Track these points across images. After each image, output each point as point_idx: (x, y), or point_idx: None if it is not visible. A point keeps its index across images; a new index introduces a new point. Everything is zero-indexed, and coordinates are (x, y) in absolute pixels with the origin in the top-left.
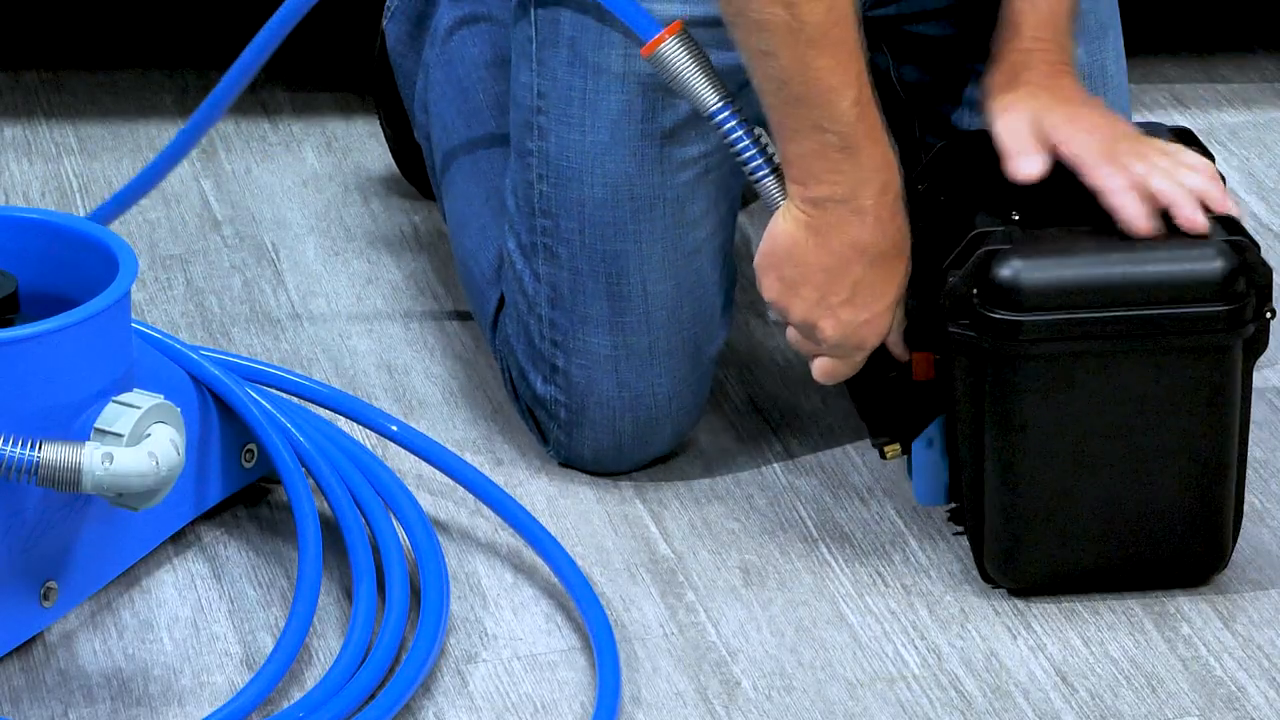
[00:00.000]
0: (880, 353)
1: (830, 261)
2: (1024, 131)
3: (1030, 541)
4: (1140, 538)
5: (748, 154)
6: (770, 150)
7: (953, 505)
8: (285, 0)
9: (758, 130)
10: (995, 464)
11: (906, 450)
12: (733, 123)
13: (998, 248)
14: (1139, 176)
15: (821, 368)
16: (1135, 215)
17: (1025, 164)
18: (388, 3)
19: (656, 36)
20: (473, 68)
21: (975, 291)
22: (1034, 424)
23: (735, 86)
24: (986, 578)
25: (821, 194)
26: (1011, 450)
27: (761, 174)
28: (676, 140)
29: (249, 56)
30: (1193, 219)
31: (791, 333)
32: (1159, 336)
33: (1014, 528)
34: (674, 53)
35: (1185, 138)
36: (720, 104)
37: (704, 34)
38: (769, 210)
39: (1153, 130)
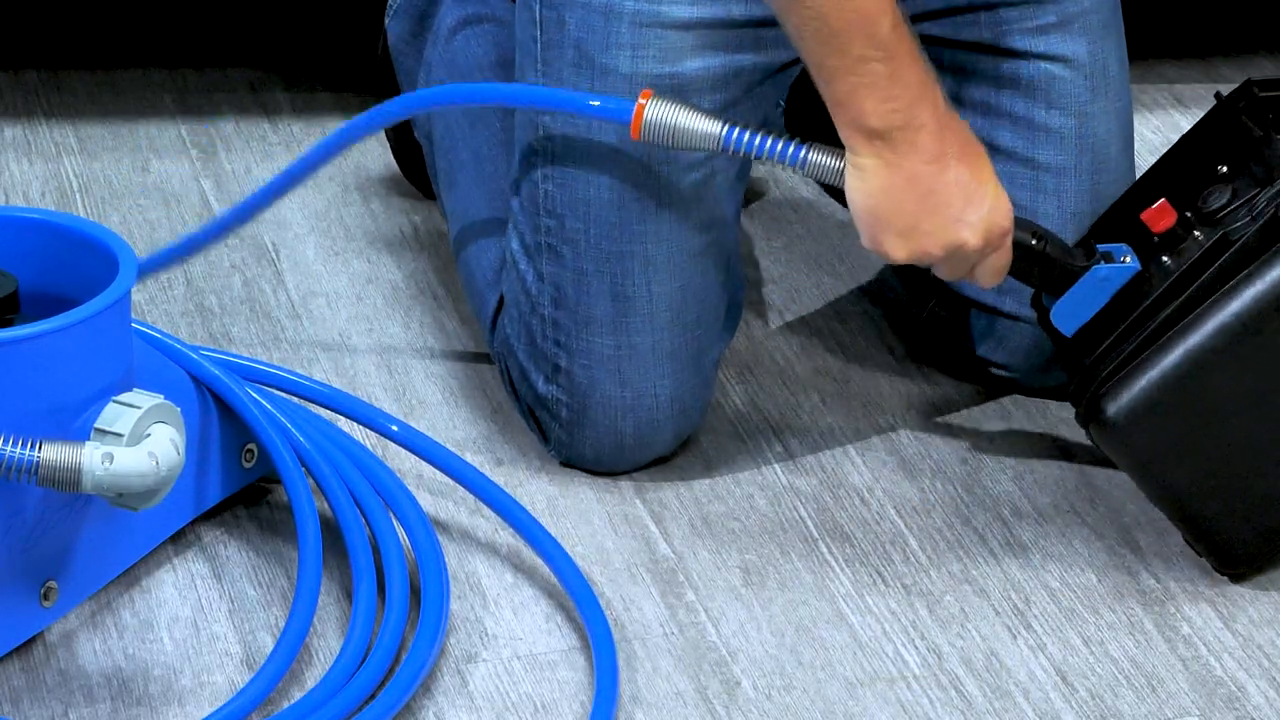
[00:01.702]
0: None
1: (925, 186)
2: None
3: (1161, 412)
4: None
5: (777, 151)
6: (789, 137)
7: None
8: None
9: (767, 128)
10: (1207, 345)
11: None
12: (746, 136)
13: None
14: None
15: (987, 271)
16: None
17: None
18: (390, 1)
19: (635, 112)
20: (475, 68)
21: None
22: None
23: (742, 90)
24: (1085, 415)
25: (881, 125)
26: (1235, 339)
27: (802, 155)
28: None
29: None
30: None
31: (941, 270)
32: None
33: (1156, 398)
34: (659, 116)
35: None
36: (725, 129)
37: (712, 36)
38: (835, 185)
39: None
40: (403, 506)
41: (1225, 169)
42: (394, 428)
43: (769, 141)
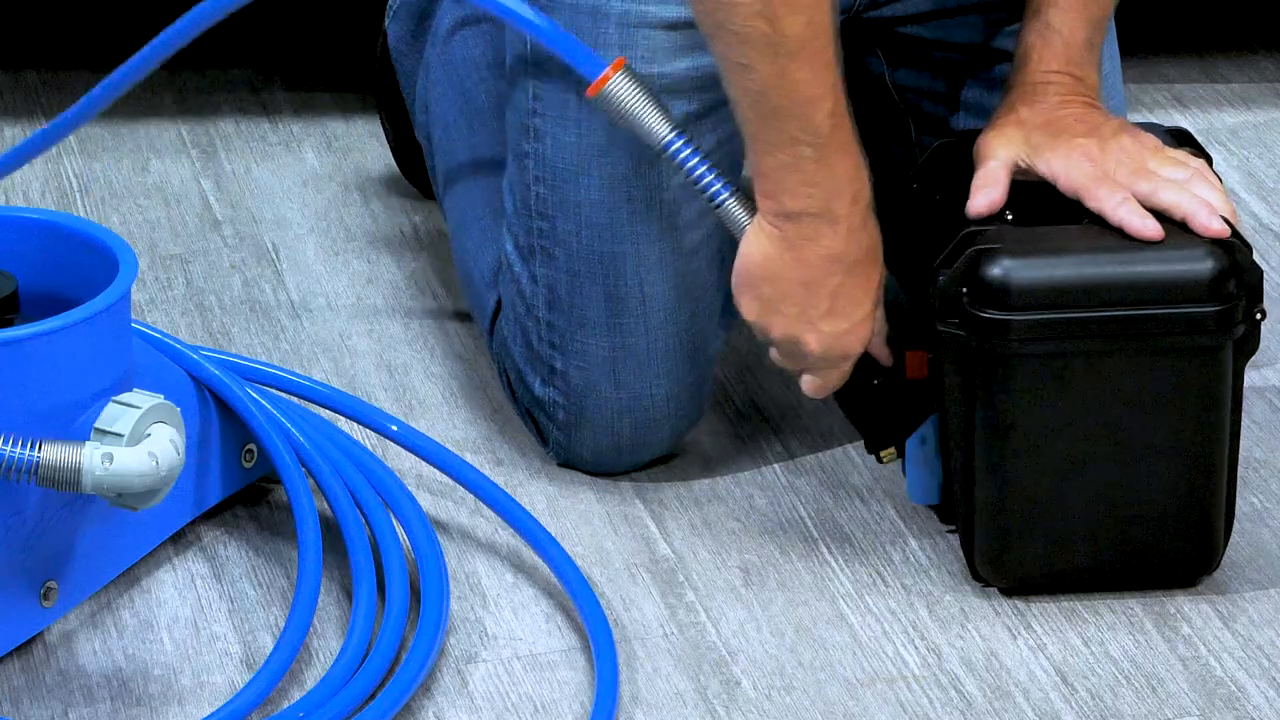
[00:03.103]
0: (864, 360)
1: (807, 275)
2: (996, 174)
3: (1020, 540)
4: (1130, 538)
5: (704, 180)
6: (726, 178)
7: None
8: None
9: (713, 159)
10: (984, 463)
11: (902, 452)
12: (686, 152)
13: (987, 247)
14: (1143, 192)
15: (810, 383)
16: (1139, 225)
17: (977, 200)
18: (390, 1)
19: (602, 75)
20: (474, 68)
21: (964, 290)
22: (1023, 423)
23: (711, 101)
24: (977, 576)
25: (796, 207)
26: (1000, 449)
27: (722, 198)
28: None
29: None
30: (1207, 225)
31: (775, 352)
32: (1149, 336)
33: (1003, 526)
34: (621, 89)
35: (1181, 137)
36: (672, 135)
37: (699, 36)
38: (734, 236)
39: (1149, 129)
40: (403, 506)
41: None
42: (394, 428)
43: (702, 168)
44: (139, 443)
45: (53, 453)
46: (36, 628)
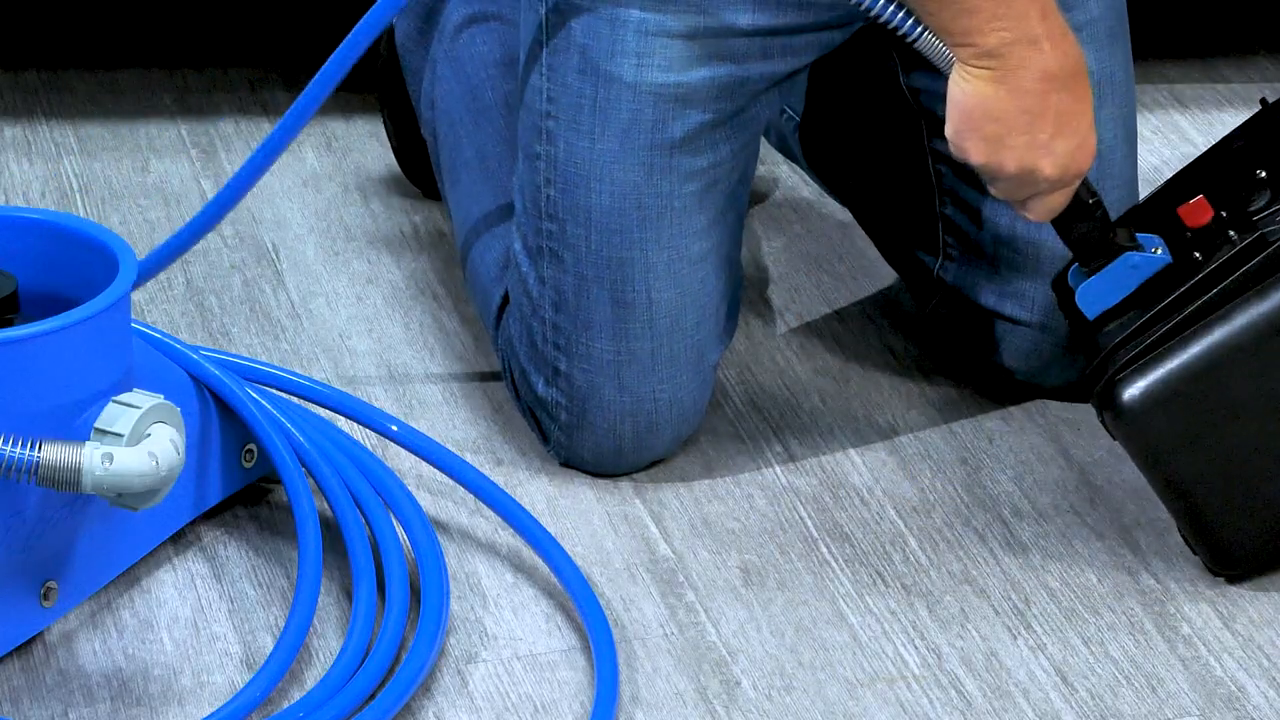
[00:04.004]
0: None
1: (1027, 102)
2: None
3: (1176, 403)
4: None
5: (897, 17)
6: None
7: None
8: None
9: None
10: (1200, 335)
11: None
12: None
13: None
14: None
15: (1042, 206)
16: None
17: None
18: None
19: None
20: (481, 66)
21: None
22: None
23: (747, 98)
24: (1101, 399)
25: (992, 43)
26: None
27: (919, 30)
28: (685, 150)
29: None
30: None
31: (1003, 187)
32: None
33: (1171, 389)
34: None
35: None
36: None
37: (718, 46)
38: (942, 75)
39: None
40: (403, 506)
41: (1264, 174)
42: (394, 428)
43: (892, 7)
44: (139, 443)
45: (53, 453)
46: (36, 628)
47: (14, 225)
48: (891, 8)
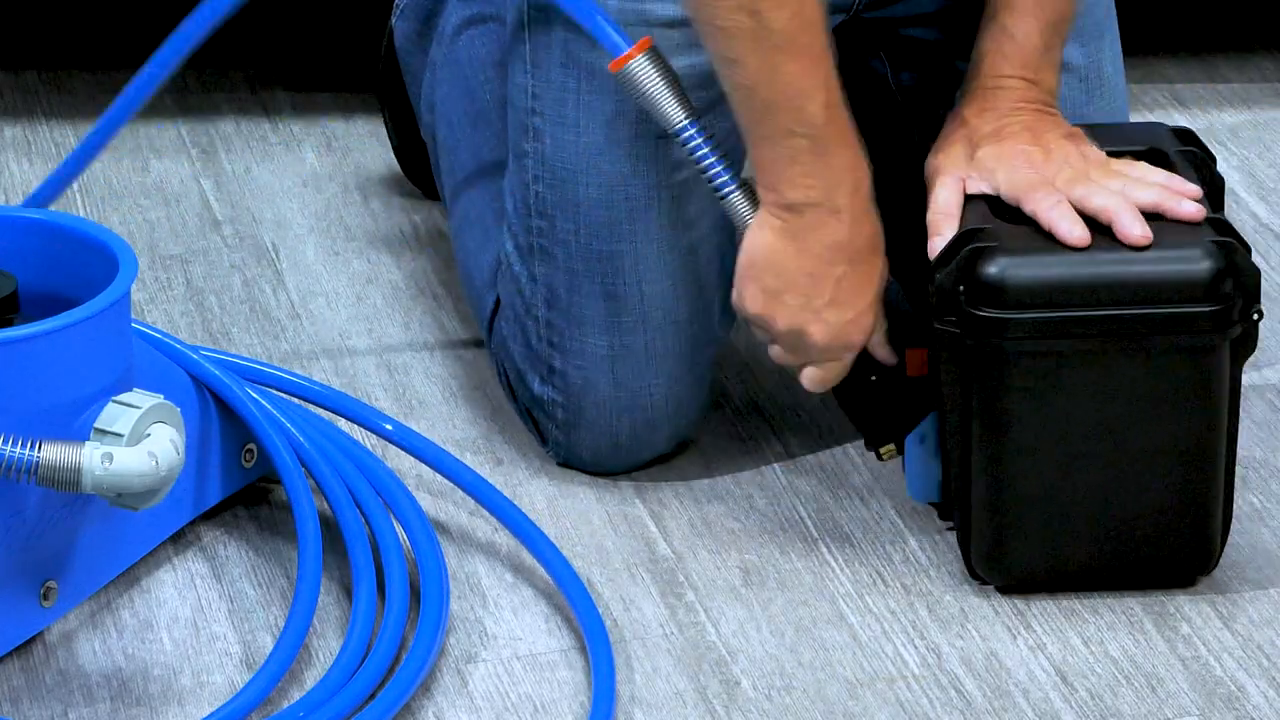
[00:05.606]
0: (864, 357)
1: (811, 265)
2: (949, 208)
3: (1016, 538)
4: (1127, 536)
5: (713, 171)
6: (734, 171)
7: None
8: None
9: (723, 149)
10: (981, 461)
11: (901, 450)
12: (698, 140)
13: (984, 245)
14: (1078, 196)
15: (812, 376)
16: (1066, 230)
17: (934, 244)
18: (397, 1)
19: (625, 53)
20: (479, 68)
21: (961, 288)
22: (1020, 422)
23: (710, 98)
24: (974, 574)
25: (797, 198)
26: (998, 447)
27: (728, 190)
28: (671, 139)
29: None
30: (1128, 231)
31: (776, 349)
32: (1145, 336)
33: (1000, 524)
34: (642, 70)
35: (1185, 137)
36: (686, 121)
37: (697, 34)
38: (739, 227)
39: (1153, 129)
40: (402, 506)
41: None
42: (388, 427)
43: (711, 159)
44: (139, 443)
45: (53, 452)
46: (36, 628)
47: (14, 225)
48: (713, 158)
